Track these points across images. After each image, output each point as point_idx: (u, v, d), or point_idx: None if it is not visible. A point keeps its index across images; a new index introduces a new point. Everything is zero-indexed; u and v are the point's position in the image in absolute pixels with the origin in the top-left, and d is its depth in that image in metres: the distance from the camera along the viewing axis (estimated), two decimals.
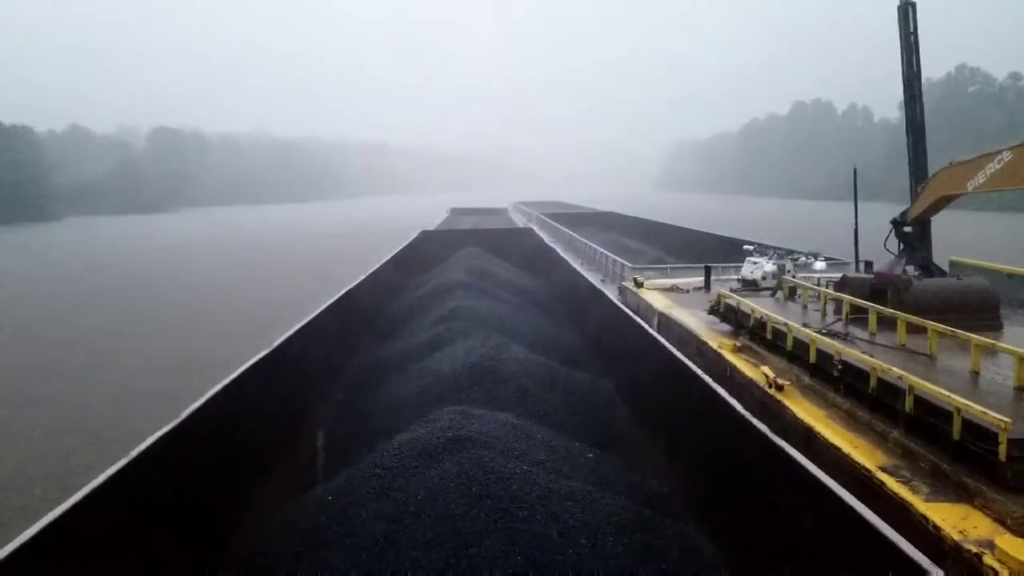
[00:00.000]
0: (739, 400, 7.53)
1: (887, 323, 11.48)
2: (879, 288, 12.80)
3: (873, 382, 8.98)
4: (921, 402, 8.07)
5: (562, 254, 26.40)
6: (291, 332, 11.04)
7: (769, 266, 17.16)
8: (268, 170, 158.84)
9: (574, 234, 42.51)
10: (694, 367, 8.94)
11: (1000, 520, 6.41)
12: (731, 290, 15.88)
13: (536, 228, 42.20)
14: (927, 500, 6.89)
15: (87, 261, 48.54)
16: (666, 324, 15.33)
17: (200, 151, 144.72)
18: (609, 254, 31.13)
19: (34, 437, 14.14)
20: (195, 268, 43.74)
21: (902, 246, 14.30)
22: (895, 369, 8.66)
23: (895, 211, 14.69)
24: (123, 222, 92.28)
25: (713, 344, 12.84)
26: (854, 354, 9.75)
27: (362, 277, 18.40)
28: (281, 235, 67.59)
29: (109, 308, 29.73)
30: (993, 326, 11.58)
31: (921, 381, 8.11)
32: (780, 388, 9.98)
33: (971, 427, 7.26)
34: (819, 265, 18.18)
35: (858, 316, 12.31)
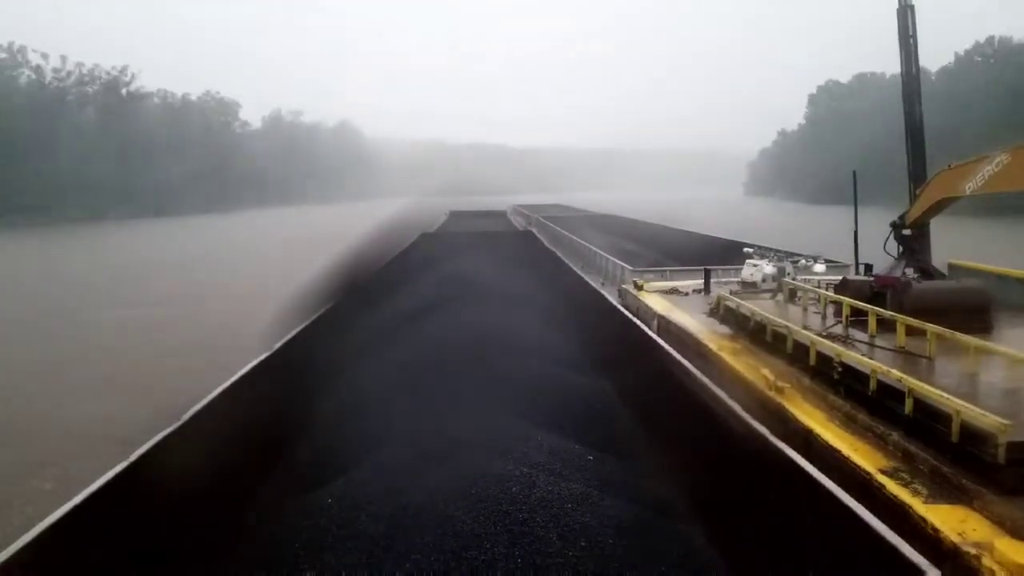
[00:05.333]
0: (739, 402, 7.55)
1: (886, 325, 11.50)
2: (879, 291, 12.83)
3: (873, 384, 9.00)
4: (920, 404, 8.08)
5: (562, 257, 26.41)
6: (291, 335, 11.09)
7: (769, 268, 17.19)
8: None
9: (574, 237, 42.55)
10: (694, 369, 8.95)
11: (999, 522, 6.43)
12: (731, 292, 15.91)
13: (536, 231, 42.22)
14: (926, 502, 6.91)
15: None
16: (666, 326, 15.35)
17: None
18: (609, 257, 31.15)
19: None
20: None
21: (901, 249, 14.32)
22: (895, 371, 8.68)
23: None
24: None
25: (713, 346, 12.86)
26: (854, 356, 9.77)
27: (362, 280, 18.42)
28: None
29: None
30: (992, 328, 11.60)
31: (920, 383, 8.14)
32: (780, 390, 9.99)
33: (970, 429, 7.28)
34: (819, 268, 18.21)
35: (858, 318, 12.33)
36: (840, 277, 15.91)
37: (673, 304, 17.40)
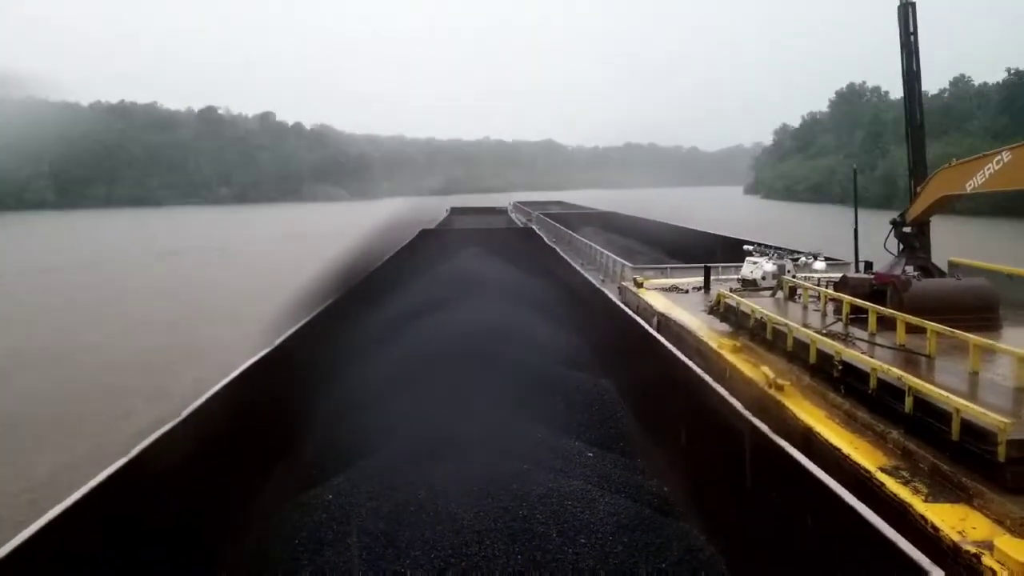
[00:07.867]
0: (739, 400, 7.54)
1: (887, 323, 11.49)
2: (879, 288, 12.82)
3: (873, 382, 8.99)
4: (920, 403, 8.07)
5: (562, 254, 26.36)
6: (291, 331, 11.07)
7: (769, 266, 17.17)
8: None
9: (574, 234, 42.46)
10: (694, 367, 8.93)
11: (999, 521, 6.42)
12: (731, 290, 15.90)
13: (536, 228, 42.14)
14: (926, 501, 6.90)
15: None
16: (666, 324, 15.34)
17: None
18: (609, 254, 31.11)
19: None
20: None
21: (901, 246, 14.31)
22: (895, 370, 8.67)
23: None
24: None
25: (713, 344, 12.84)
26: (854, 354, 9.77)
27: (360, 279, 18.39)
28: None
29: None
30: (992, 326, 11.58)
31: (920, 382, 8.13)
32: (780, 388, 9.98)
33: (970, 428, 7.28)
34: (819, 265, 18.19)
35: (858, 316, 12.32)
36: (840, 275, 15.90)
37: (673, 301, 17.39)
